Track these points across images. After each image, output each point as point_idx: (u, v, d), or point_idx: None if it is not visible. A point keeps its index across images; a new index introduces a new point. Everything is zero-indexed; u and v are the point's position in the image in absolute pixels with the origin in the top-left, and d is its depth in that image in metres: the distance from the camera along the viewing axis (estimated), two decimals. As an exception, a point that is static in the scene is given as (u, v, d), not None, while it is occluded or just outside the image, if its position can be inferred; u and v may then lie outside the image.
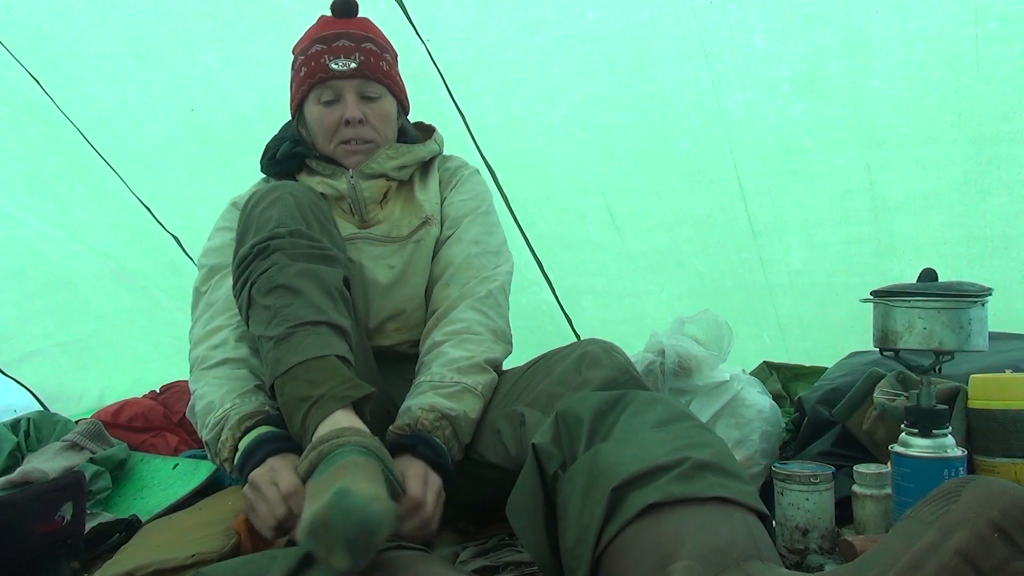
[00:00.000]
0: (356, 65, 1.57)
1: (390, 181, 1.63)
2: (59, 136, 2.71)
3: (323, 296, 1.31)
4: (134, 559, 1.38)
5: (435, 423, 1.32)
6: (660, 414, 1.07)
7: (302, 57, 1.62)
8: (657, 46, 2.11)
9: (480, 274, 1.57)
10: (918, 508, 0.82)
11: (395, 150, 1.63)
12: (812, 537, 1.34)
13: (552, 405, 1.27)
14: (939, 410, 1.28)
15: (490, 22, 2.20)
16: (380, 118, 1.62)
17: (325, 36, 1.59)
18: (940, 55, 1.90)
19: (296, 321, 1.26)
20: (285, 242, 1.32)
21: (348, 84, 1.58)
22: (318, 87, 1.59)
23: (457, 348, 1.45)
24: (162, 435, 2.46)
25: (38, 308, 3.12)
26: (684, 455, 0.96)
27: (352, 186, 1.60)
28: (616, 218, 2.53)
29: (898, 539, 0.80)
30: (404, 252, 1.59)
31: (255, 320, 1.31)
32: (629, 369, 1.33)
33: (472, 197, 1.68)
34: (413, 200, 1.64)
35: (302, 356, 1.23)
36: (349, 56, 1.57)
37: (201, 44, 2.43)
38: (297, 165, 1.65)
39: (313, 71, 1.58)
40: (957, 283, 1.33)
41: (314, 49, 1.59)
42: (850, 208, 2.23)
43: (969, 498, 0.77)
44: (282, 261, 1.30)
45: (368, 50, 1.60)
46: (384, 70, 1.63)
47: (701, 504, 0.91)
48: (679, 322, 1.93)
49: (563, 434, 1.08)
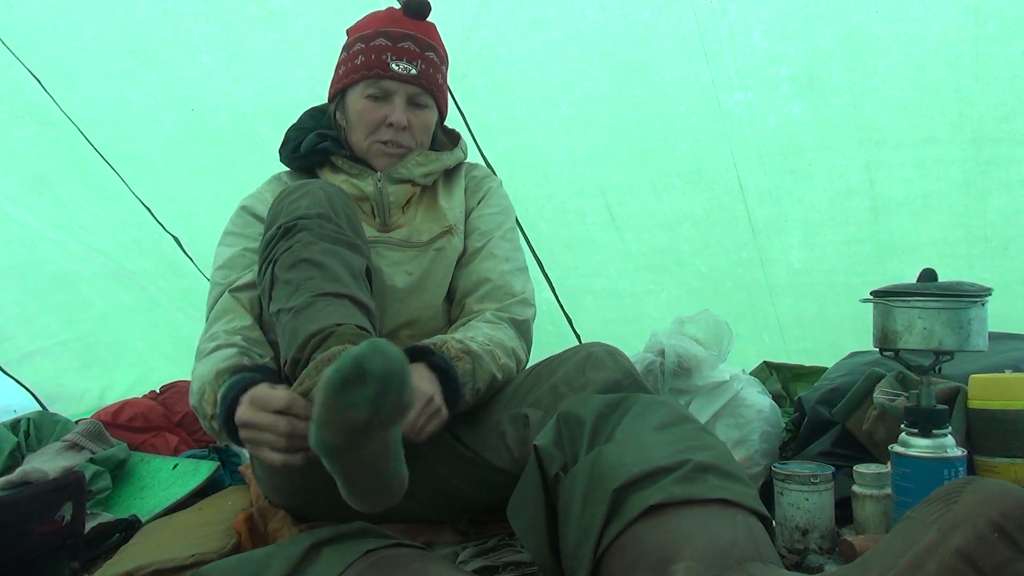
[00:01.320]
0: (416, 72, 1.54)
1: (415, 187, 1.60)
2: (59, 136, 2.71)
3: (347, 274, 1.27)
4: (134, 559, 1.38)
5: (459, 353, 1.30)
6: (662, 417, 1.07)
7: (361, 45, 1.56)
8: (657, 46, 2.11)
9: (515, 293, 1.54)
10: (918, 509, 0.82)
11: (424, 157, 1.60)
12: (812, 537, 1.34)
13: (555, 405, 1.26)
14: (939, 410, 1.28)
15: (490, 21, 2.20)
16: (422, 127, 1.59)
17: (391, 33, 1.54)
18: (940, 55, 1.90)
19: (318, 291, 1.22)
20: (312, 223, 1.29)
21: (402, 88, 1.54)
22: (370, 81, 1.54)
23: (493, 330, 1.43)
24: (162, 435, 2.46)
25: (38, 308, 3.12)
26: (686, 457, 0.96)
27: (379, 189, 1.56)
28: (616, 218, 2.53)
29: (899, 539, 0.80)
30: (424, 259, 1.55)
31: (276, 297, 1.27)
32: (632, 372, 1.32)
33: (500, 211, 1.65)
34: (436, 207, 1.61)
35: (321, 323, 1.17)
36: (412, 61, 1.54)
37: (201, 44, 2.43)
38: (320, 160, 1.60)
39: (371, 64, 1.53)
40: (957, 283, 1.32)
41: (377, 42, 1.54)
42: (850, 208, 2.23)
43: (970, 499, 0.77)
44: (307, 239, 1.27)
45: (430, 59, 1.56)
46: (439, 83, 1.60)
47: (703, 506, 0.91)
48: (679, 322, 1.93)
49: (565, 436, 1.08)
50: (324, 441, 0.92)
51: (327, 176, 1.58)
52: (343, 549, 1.04)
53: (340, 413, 0.88)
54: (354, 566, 1.00)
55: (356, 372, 0.86)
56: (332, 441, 0.91)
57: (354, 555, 1.02)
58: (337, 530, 1.10)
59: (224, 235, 1.58)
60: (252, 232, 1.53)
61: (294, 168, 1.65)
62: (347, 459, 0.95)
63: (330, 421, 0.90)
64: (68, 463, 2.03)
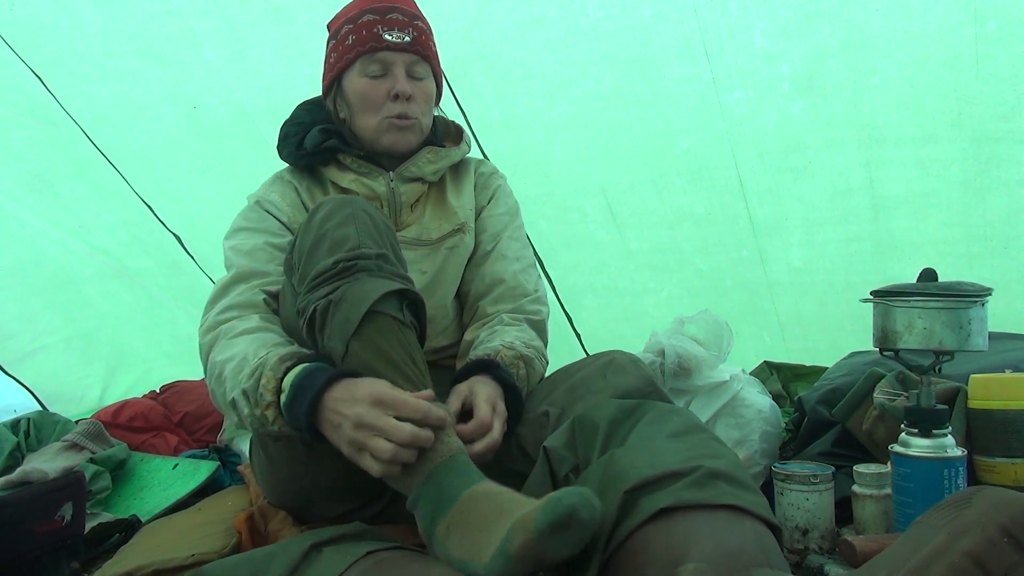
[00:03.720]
0: (410, 39, 1.50)
1: (424, 184, 1.58)
2: (61, 134, 2.71)
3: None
4: (134, 559, 1.38)
5: (513, 360, 1.32)
6: (676, 425, 1.08)
7: (349, 26, 1.52)
8: (658, 44, 2.11)
9: (528, 292, 1.55)
10: (928, 514, 0.83)
11: (435, 154, 1.57)
12: (812, 537, 1.34)
13: (572, 406, 1.26)
14: (939, 410, 1.29)
15: (491, 19, 2.20)
16: (424, 98, 1.55)
17: (377, 8, 1.51)
18: (940, 55, 1.89)
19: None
20: (371, 264, 1.22)
21: (399, 58, 1.50)
22: (366, 57, 1.50)
23: (521, 333, 1.44)
24: (162, 435, 2.46)
25: (39, 307, 3.12)
26: (698, 463, 0.96)
27: (391, 189, 1.54)
28: (617, 216, 2.53)
29: (908, 543, 0.80)
30: (436, 258, 1.53)
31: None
32: (653, 381, 1.30)
33: (508, 211, 1.65)
34: (444, 204, 1.59)
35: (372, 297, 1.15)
36: (403, 30, 1.50)
37: (204, 41, 2.42)
38: (325, 159, 1.56)
39: (364, 40, 1.49)
40: (957, 283, 1.33)
41: (365, 18, 1.50)
42: (850, 206, 2.23)
43: (980, 504, 0.78)
44: (364, 278, 1.21)
45: (420, 27, 1.53)
46: (433, 51, 1.57)
47: (713, 511, 0.92)
48: (679, 322, 1.93)
49: (578, 439, 1.09)
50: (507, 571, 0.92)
51: (333, 174, 1.55)
52: (344, 550, 1.04)
53: (541, 554, 0.89)
54: (355, 567, 1.00)
55: (565, 520, 0.88)
56: (515, 572, 0.91)
57: (355, 556, 1.02)
58: (338, 531, 1.10)
59: (236, 231, 1.51)
60: (270, 227, 1.49)
61: (299, 167, 1.60)
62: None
63: (526, 558, 0.90)
64: (68, 463, 2.03)
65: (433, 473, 1.07)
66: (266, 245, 1.45)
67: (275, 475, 1.41)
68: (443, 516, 1.04)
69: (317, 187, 1.58)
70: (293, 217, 1.51)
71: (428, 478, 1.07)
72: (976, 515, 0.76)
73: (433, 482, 1.06)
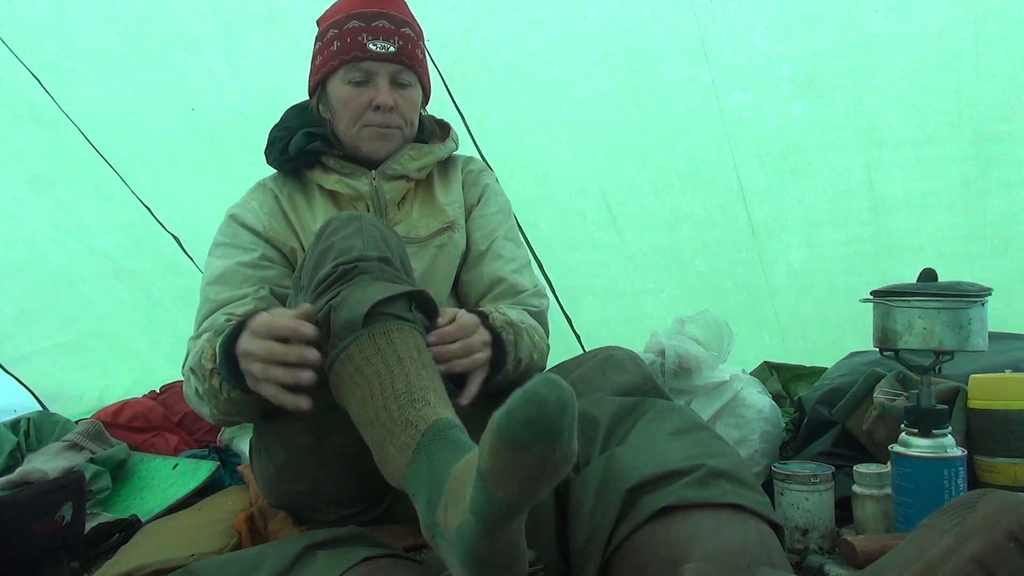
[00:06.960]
0: (395, 49, 1.49)
1: (410, 182, 1.58)
2: (60, 135, 2.70)
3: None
4: (134, 559, 1.38)
5: (503, 323, 1.31)
6: (677, 423, 1.08)
7: (335, 31, 1.51)
8: (657, 46, 2.11)
9: (526, 288, 1.56)
10: (934, 518, 0.83)
11: (417, 151, 1.57)
12: (812, 537, 1.34)
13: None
14: (939, 410, 1.29)
15: (490, 22, 2.20)
16: (409, 106, 1.55)
17: (363, 13, 1.50)
18: (940, 55, 1.90)
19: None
20: (373, 266, 1.17)
21: (383, 67, 1.50)
22: (350, 66, 1.49)
23: (519, 314, 1.45)
24: (162, 435, 2.46)
25: (39, 308, 3.12)
26: (699, 462, 0.96)
27: (374, 188, 1.54)
28: (616, 218, 2.53)
29: (913, 546, 0.80)
30: (425, 255, 1.53)
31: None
32: (652, 378, 1.30)
33: (499, 210, 1.65)
34: (432, 201, 1.59)
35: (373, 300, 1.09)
36: (389, 39, 1.49)
37: (202, 43, 2.42)
38: (310, 162, 1.56)
39: (348, 48, 1.48)
40: (957, 283, 1.32)
41: (350, 25, 1.49)
42: (850, 208, 2.23)
43: (986, 508, 0.78)
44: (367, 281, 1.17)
45: (407, 35, 1.52)
46: (419, 58, 1.56)
47: (715, 510, 0.92)
48: (679, 322, 1.93)
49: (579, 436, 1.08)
50: (493, 500, 0.76)
51: (318, 177, 1.54)
52: (339, 555, 1.03)
53: (518, 460, 0.73)
54: (349, 574, 0.99)
55: (528, 401, 0.72)
56: (505, 497, 0.75)
57: (351, 561, 1.00)
58: (332, 533, 1.10)
59: (214, 246, 1.53)
60: (242, 242, 1.50)
61: (283, 171, 1.61)
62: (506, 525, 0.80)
63: (503, 475, 0.74)
64: (68, 463, 2.03)
65: (421, 447, 0.95)
66: (237, 266, 1.46)
67: (275, 476, 1.41)
68: (439, 497, 0.90)
69: (300, 192, 1.58)
70: (269, 225, 1.52)
71: (416, 452, 0.95)
72: (982, 519, 0.77)
73: (424, 456, 0.94)
